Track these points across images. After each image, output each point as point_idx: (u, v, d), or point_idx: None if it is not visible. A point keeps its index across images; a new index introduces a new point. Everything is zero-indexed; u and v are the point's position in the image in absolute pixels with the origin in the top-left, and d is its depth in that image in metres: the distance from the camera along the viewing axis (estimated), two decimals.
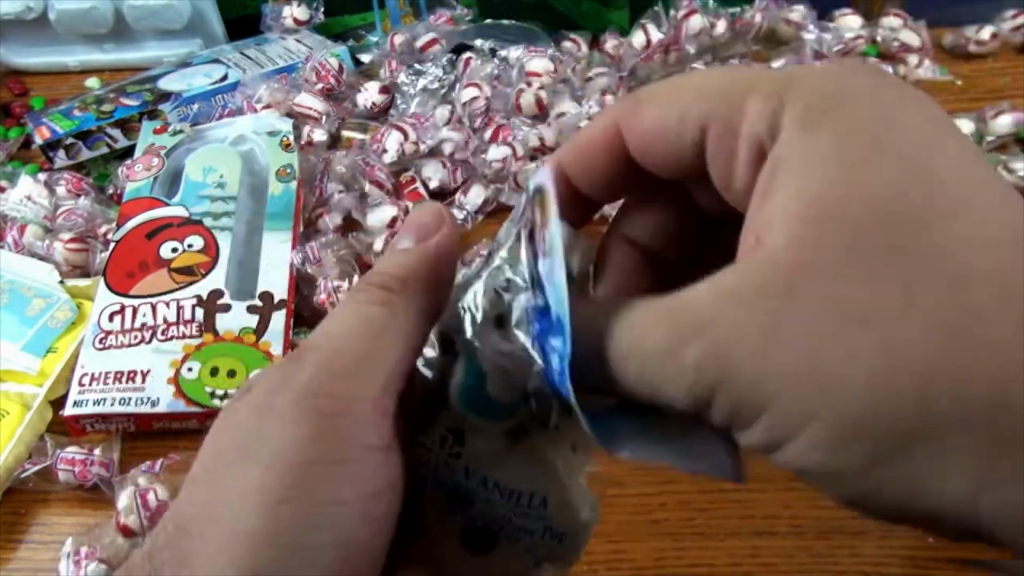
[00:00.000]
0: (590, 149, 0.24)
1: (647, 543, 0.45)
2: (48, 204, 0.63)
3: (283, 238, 0.58)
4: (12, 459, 0.49)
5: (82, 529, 0.47)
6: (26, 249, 0.60)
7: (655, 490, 0.47)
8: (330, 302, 0.55)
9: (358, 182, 0.64)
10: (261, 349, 0.52)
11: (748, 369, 0.18)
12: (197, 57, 0.76)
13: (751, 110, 0.20)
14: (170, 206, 0.60)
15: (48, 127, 0.69)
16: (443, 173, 0.64)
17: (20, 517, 0.48)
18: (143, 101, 0.70)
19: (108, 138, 0.69)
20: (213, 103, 0.71)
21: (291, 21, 0.78)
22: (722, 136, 0.21)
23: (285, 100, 0.69)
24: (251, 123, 0.66)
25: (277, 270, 0.56)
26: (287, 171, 0.62)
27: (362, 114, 0.71)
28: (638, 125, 0.23)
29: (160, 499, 0.46)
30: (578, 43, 0.74)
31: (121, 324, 0.53)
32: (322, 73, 0.70)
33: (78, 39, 0.79)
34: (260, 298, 0.55)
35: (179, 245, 0.57)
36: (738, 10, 0.74)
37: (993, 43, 0.73)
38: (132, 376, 0.51)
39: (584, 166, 0.25)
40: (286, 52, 0.75)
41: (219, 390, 0.50)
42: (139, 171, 0.62)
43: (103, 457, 0.49)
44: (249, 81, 0.70)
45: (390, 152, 0.64)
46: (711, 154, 0.21)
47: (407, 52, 0.74)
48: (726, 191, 0.22)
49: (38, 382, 0.53)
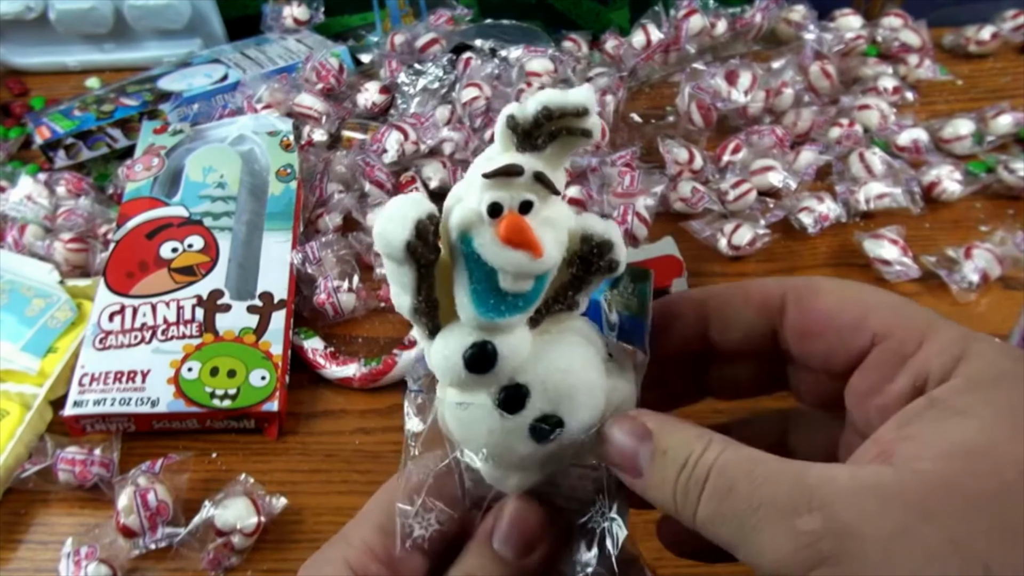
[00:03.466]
0: (747, 305, 0.26)
1: (647, 543, 0.45)
2: (48, 204, 0.63)
3: (283, 238, 0.58)
4: (12, 459, 0.49)
5: (82, 529, 0.47)
6: (26, 249, 0.60)
7: None
8: (330, 302, 0.55)
9: (358, 182, 0.64)
10: (261, 349, 0.52)
11: (869, 557, 0.20)
12: (197, 57, 0.76)
13: (929, 349, 0.23)
14: (170, 206, 0.60)
15: (48, 127, 0.69)
16: (443, 173, 0.64)
17: (20, 517, 0.48)
18: (143, 101, 0.70)
19: (108, 138, 0.69)
20: (213, 103, 0.71)
21: (291, 21, 0.78)
22: (888, 357, 0.23)
23: (285, 100, 0.69)
24: (251, 123, 0.66)
25: (277, 270, 0.56)
26: (287, 171, 0.62)
27: (362, 114, 0.71)
28: (812, 306, 0.25)
29: (160, 499, 0.46)
30: (578, 43, 0.74)
31: (121, 324, 0.53)
32: (322, 73, 0.70)
33: (78, 39, 0.79)
34: (260, 298, 0.55)
35: (179, 245, 0.57)
36: (738, 10, 0.74)
37: (993, 43, 0.73)
38: (132, 376, 0.51)
39: (729, 309, 0.27)
40: (286, 52, 0.75)
41: (219, 390, 0.50)
42: (139, 171, 0.62)
43: (103, 457, 0.49)
44: (249, 81, 0.70)
45: (390, 152, 0.64)
46: (868, 365, 0.24)
47: (407, 52, 0.74)
48: (858, 396, 0.24)
49: (38, 382, 0.53)
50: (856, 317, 0.24)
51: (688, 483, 0.23)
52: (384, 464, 0.49)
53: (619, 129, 0.68)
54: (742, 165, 0.63)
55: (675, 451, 0.23)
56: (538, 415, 0.24)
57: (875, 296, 0.25)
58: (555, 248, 0.23)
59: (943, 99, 0.71)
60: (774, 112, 0.68)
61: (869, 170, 0.62)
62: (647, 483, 0.24)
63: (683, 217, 0.61)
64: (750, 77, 0.66)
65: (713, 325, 0.27)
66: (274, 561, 0.46)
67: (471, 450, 0.26)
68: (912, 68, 0.71)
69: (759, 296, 0.26)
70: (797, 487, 0.21)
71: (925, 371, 0.23)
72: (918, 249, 0.58)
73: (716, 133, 0.67)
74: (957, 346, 0.23)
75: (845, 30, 0.72)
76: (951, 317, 0.58)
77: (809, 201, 0.60)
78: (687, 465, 0.23)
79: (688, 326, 0.28)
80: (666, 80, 0.74)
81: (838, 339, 0.24)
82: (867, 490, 0.21)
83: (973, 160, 0.64)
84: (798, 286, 0.26)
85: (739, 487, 0.22)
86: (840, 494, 0.21)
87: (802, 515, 0.20)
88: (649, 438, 0.24)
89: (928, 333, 0.23)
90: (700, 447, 0.23)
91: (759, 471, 0.22)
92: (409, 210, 0.23)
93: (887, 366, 0.23)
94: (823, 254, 0.60)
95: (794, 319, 0.25)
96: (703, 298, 0.28)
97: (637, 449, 0.24)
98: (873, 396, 0.24)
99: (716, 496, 0.22)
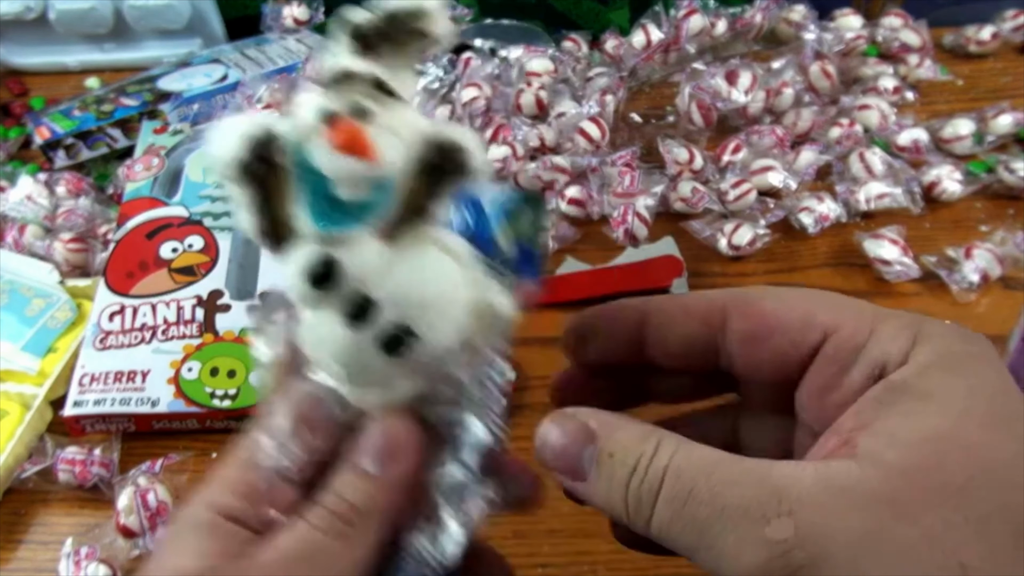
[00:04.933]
0: (688, 318, 0.25)
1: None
2: (48, 204, 0.63)
3: None
4: (12, 459, 0.49)
5: (82, 529, 0.47)
6: (26, 249, 0.60)
7: None
8: None
9: None
10: None
11: (843, 563, 0.19)
12: (197, 57, 0.76)
13: (881, 336, 0.22)
14: (170, 206, 0.60)
15: (48, 127, 0.69)
16: None
17: (20, 517, 0.48)
18: (143, 101, 0.70)
19: (108, 138, 0.69)
20: (213, 103, 0.70)
21: (291, 21, 0.78)
22: (841, 349, 0.23)
23: (285, 100, 0.69)
24: None
25: (277, 270, 0.56)
26: None
27: None
28: (754, 313, 0.24)
29: (160, 499, 0.46)
30: (578, 43, 0.74)
31: (121, 324, 0.53)
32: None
33: (78, 39, 0.79)
34: (260, 298, 0.55)
35: (179, 245, 0.57)
36: (738, 10, 0.74)
37: (993, 43, 0.73)
38: (132, 376, 0.51)
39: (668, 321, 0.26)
40: (286, 52, 0.75)
41: (219, 390, 0.50)
42: (139, 171, 0.62)
43: (103, 457, 0.49)
44: (249, 81, 0.70)
45: None
46: (820, 361, 0.23)
47: None
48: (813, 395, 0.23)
49: (38, 382, 0.53)
50: (803, 315, 0.24)
51: (640, 488, 0.22)
52: None
53: (619, 129, 0.68)
54: (742, 165, 0.63)
55: (623, 454, 0.22)
56: (389, 328, 0.23)
57: (819, 295, 0.24)
58: (393, 153, 0.22)
59: (943, 99, 0.71)
60: (774, 112, 0.68)
61: (869, 170, 0.62)
62: (592, 489, 0.23)
63: (683, 217, 0.61)
64: (750, 77, 0.66)
65: (651, 338, 0.27)
66: None
67: (328, 370, 0.25)
68: (912, 68, 0.71)
69: (700, 308, 0.26)
70: (763, 489, 0.20)
71: (881, 358, 0.22)
72: (918, 249, 0.58)
73: (716, 133, 0.67)
74: (909, 330, 0.22)
75: (845, 30, 0.72)
76: (951, 317, 0.58)
77: (809, 201, 0.60)
78: (638, 469, 0.22)
79: (626, 335, 0.27)
80: (666, 80, 0.74)
81: (787, 339, 0.24)
82: (835, 490, 0.20)
83: (973, 160, 0.64)
84: (738, 295, 0.25)
85: (698, 491, 0.21)
86: (808, 496, 0.20)
87: (771, 521, 0.20)
88: (592, 440, 0.23)
89: (877, 322, 0.23)
90: (651, 448, 0.22)
91: (719, 473, 0.21)
92: (241, 128, 0.22)
93: (840, 358, 0.23)
94: (823, 254, 0.60)
95: (739, 326, 0.25)
96: (644, 309, 0.27)
97: (579, 451, 0.23)
98: (829, 392, 0.23)
99: (673, 501, 0.21)
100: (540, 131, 0.65)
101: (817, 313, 0.24)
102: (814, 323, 0.23)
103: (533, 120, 0.66)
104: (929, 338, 0.22)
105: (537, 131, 0.65)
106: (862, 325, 0.23)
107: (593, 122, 0.64)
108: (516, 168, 0.63)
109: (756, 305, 0.24)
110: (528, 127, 0.65)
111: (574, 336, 0.28)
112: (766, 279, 0.58)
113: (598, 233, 0.61)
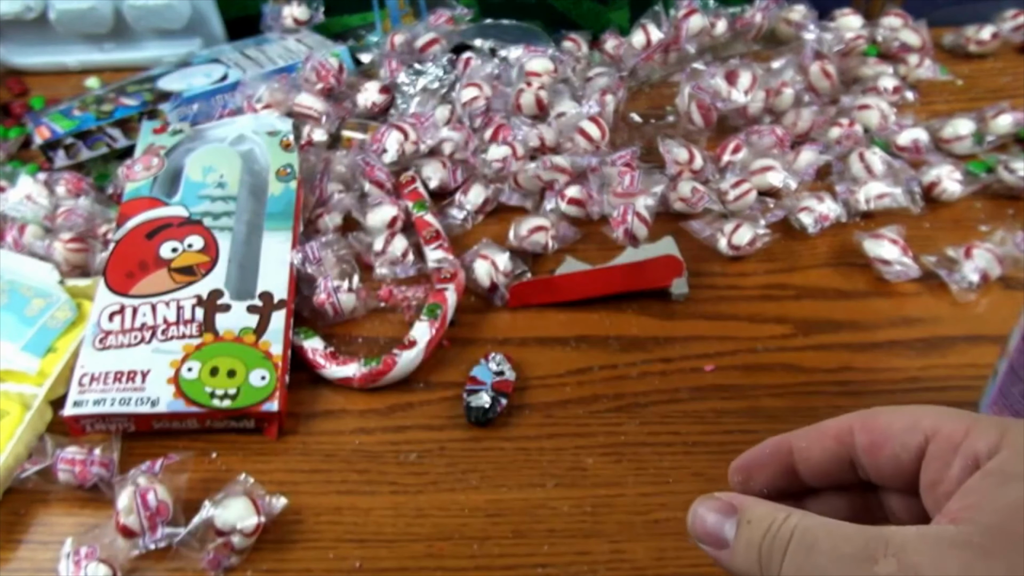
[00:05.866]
0: (824, 437, 0.30)
1: (647, 543, 0.45)
2: (48, 204, 0.63)
3: (283, 238, 0.58)
4: (12, 459, 0.49)
5: (82, 529, 0.47)
6: (26, 249, 0.60)
7: (655, 490, 0.47)
8: (330, 302, 0.55)
9: (358, 182, 0.64)
10: (261, 349, 0.52)
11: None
12: (197, 57, 0.76)
13: (975, 434, 0.26)
14: (170, 206, 0.60)
15: (48, 127, 0.69)
16: (443, 173, 0.64)
17: (20, 517, 0.48)
18: (143, 101, 0.70)
19: (108, 138, 0.69)
20: (213, 103, 0.71)
21: (291, 21, 0.78)
22: (942, 447, 0.27)
23: (285, 100, 0.69)
24: (251, 123, 0.66)
25: (277, 270, 0.56)
26: (287, 171, 0.62)
27: (362, 114, 0.71)
28: (873, 425, 0.29)
29: (160, 499, 0.46)
30: (578, 43, 0.74)
31: (121, 324, 0.53)
32: (322, 73, 0.70)
33: (78, 39, 0.79)
34: (260, 298, 0.55)
35: (179, 245, 0.57)
36: (738, 10, 0.74)
37: (993, 43, 0.73)
38: (132, 376, 0.51)
39: (812, 451, 0.30)
40: (286, 52, 0.75)
41: (219, 390, 0.50)
42: (139, 171, 0.62)
43: (103, 457, 0.49)
44: (249, 81, 0.70)
45: (390, 152, 0.64)
46: (929, 455, 0.27)
47: (407, 52, 0.74)
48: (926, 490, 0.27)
49: (38, 382, 0.53)
50: (909, 423, 0.28)
51: (772, 544, 0.25)
52: (384, 464, 0.49)
53: (619, 129, 0.68)
54: (742, 165, 0.63)
55: (760, 519, 0.26)
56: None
57: (926, 407, 0.29)
58: None
59: (943, 99, 0.71)
60: (774, 112, 0.68)
61: (869, 170, 0.62)
62: (732, 552, 0.27)
63: (683, 217, 0.61)
64: (750, 77, 0.66)
65: (800, 464, 0.30)
66: (274, 561, 0.46)
67: None
68: (912, 68, 0.71)
69: (833, 428, 0.30)
70: (875, 538, 0.24)
71: (975, 451, 0.26)
72: (918, 249, 0.58)
73: (716, 133, 0.67)
74: (998, 427, 0.26)
75: (845, 30, 0.72)
76: (951, 317, 0.59)
77: (809, 201, 0.60)
78: (771, 529, 0.26)
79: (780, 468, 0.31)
80: (666, 80, 0.74)
81: (899, 444, 0.28)
82: (935, 539, 0.24)
83: (973, 160, 0.64)
84: (863, 413, 0.29)
85: (821, 543, 0.25)
86: (911, 543, 0.23)
87: (878, 561, 0.23)
88: (734, 513, 0.27)
89: (971, 423, 0.27)
90: (783, 515, 0.26)
91: (840, 530, 0.25)
92: None
93: (942, 455, 0.27)
94: (823, 254, 0.60)
95: (861, 439, 0.29)
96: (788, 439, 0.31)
97: (723, 523, 0.27)
98: (937, 485, 0.27)
99: (800, 552, 0.25)
100: (540, 131, 0.65)
101: (921, 420, 0.28)
102: (918, 428, 0.28)
103: (533, 120, 0.66)
104: (1013, 431, 0.26)
105: (537, 131, 0.65)
106: (959, 426, 0.27)
107: (593, 122, 0.64)
108: (516, 168, 0.63)
109: (873, 419, 0.29)
110: (528, 127, 0.65)
111: (739, 477, 0.32)
112: (766, 279, 0.58)
113: (598, 233, 0.61)
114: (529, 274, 0.59)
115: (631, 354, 0.54)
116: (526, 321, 0.57)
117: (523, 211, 0.63)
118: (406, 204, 0.62)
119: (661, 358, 0.54)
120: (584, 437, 0.50)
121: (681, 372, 0.53)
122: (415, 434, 0.51)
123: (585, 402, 0.52)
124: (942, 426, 0.27)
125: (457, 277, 0.57)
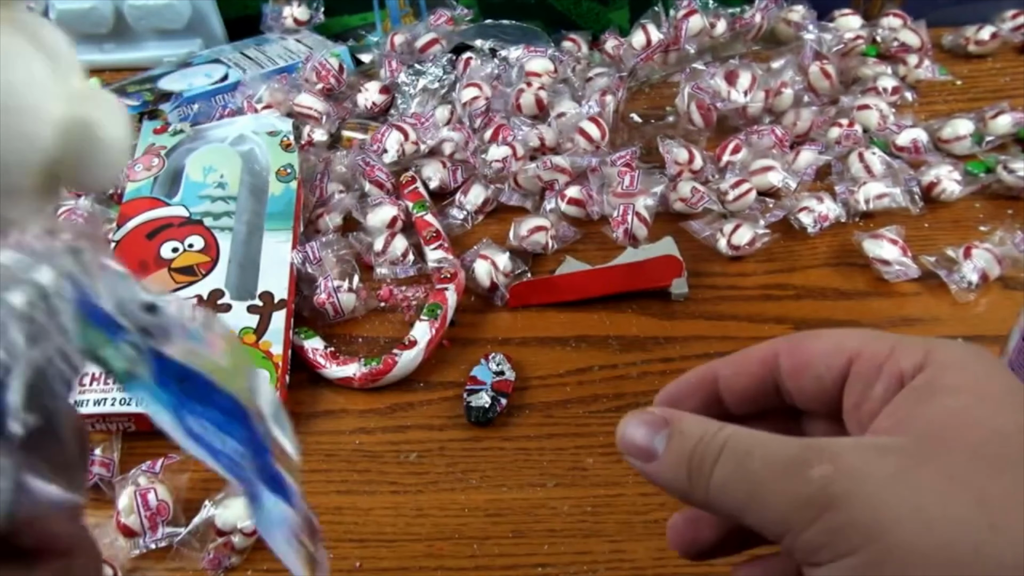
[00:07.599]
0: (749, 363, 0.29)
1: (647, 543, 0.45)
2: None
3: (283, 238, 0.58)
4: None
5: None
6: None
7: (655, 490, 0.47)
8: (330, 302, 0.55)
9: (358, 182, 0.64)
10: (261, 349, 0.52)
11: (873, 497, 0.22)
12: (197, 57, 0.76)
13: (899, 353, 0.26)
14: (170, 206, 0.60)
15: None
16: (443, 173, 0.64)
17: None
18: (143, 101, 0.70)
19: None
20: (213, 103, 0.71)
21: (291, 21, 0.78)
22: (865, 367, 0.27)
23: (285, 100, 0.69)
24: (251, 123, 0.66)
25: (277, 270, 0.56)
26: (287, 171, 0.62)
27: (362, 114, 0.71)
28: (798, 349, 0.28)
29: (160, 499, 0.46)
30: (578, 43, 0.74)
31: None
32: (322, 73, 0.70)
33: (78, 39, 0.79)
34: (260, 298, 0.55)
35: (179, 245, 0.57)
36: (738, 10, 0.74)
37: (993, 43, 0.73)
38: None
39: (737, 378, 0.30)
40: (286, 52, 0.75)
41: None
42: (139, 171, 0.62)
43: (103, 457, 0.49)
44: (249, 81, 0.70)
45: (390, 152, 0.64)
46: (852, 376, 0.27)
47: (407, 52, 0.74)
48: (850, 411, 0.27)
49: None
50: (833, 345, 0.28)
51: (705, 453, 0.25)
52: (384, 464, 0.50)
53: (619, 129, 0.68)
54: (742, 165, 0.63)
55: (691, 430, 0.26)
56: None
57: (849, 330, 0.29)
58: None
59: (942, 99, 0.71)
60: (774, 112, 0.68)
61: (869, 170, 0.62)
62: (661, 463, 0.26)
63: (683, 217, 0.61)
64: (750, 77, 0.66)
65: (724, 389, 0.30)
66: (274, 561, 0.46)
67: None
68: (912, 68, 0.71)
69: (758, 353, 0.30)
70: (809, 447, 0.24)
71: (899, 370, 0.26)
72: (918, 249, 0.58)
73: (716, 133, 0.67)
74: (922, 346, 0.26)
75: (845, 30, 0.72)
76: (951, 317, 0.59)
77: (809, 201, 0.60)
78: (702, 439, 0.25)
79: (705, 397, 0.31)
80: (666, 80, 0.74)
81: (823, 366, 0.28)
82: (869, 444, 0.24)
83: (972, 160, 0.64)
84: (788, 337, 0.29)
85: (755, 451, 0.24)
86: (847, 449, 0.23)
87: (814, 465, 0.23)
88: (665, 426, 0.26)
89: (895, 343, 0.27)
90: (715, 426, 0.25)
91: (775, 440, 0.24)
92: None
93: (866, 376, 0.27)
94: (823, 254, 0.60)
95: (786, 364, 0.29)
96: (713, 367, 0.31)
97: (652, 436, 0.26)
98: (861, 406, 0.27)
99: (732, 460, 0.24)
100: (540, 131, 0.65)
101: (845, 342, 0.28)
102: (842, 350, 0.27)
103: (533, 120, 0.66)
104: (938, 349, 0.26)
105: (537, 131, 0.65)
106: (882, 346, 0.27)
107: (593, 122, 0.64)
108: (516, 168, 0.63)
109: (799, 343, 0.29)
110: (528, 127, 0.65)
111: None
112: (766, 279, 0.58)
113: (598, 233, 0.62)
114: (529, 274, 0.59)
115: (631, 354, 0.54)
116: (526, 321, 0.57)
117: (523, 211, 0.63)
118: (406, 204, 0.62)
119: (661, 358, 0.54)
120: (584, 437, 0.50)
121: (681, 372, 0.53)
122: (415, 434, 0.51)
123: (585, 402, 0.52)
124: (865, 347, 0.27)
125: (457, 277, 0.57)
